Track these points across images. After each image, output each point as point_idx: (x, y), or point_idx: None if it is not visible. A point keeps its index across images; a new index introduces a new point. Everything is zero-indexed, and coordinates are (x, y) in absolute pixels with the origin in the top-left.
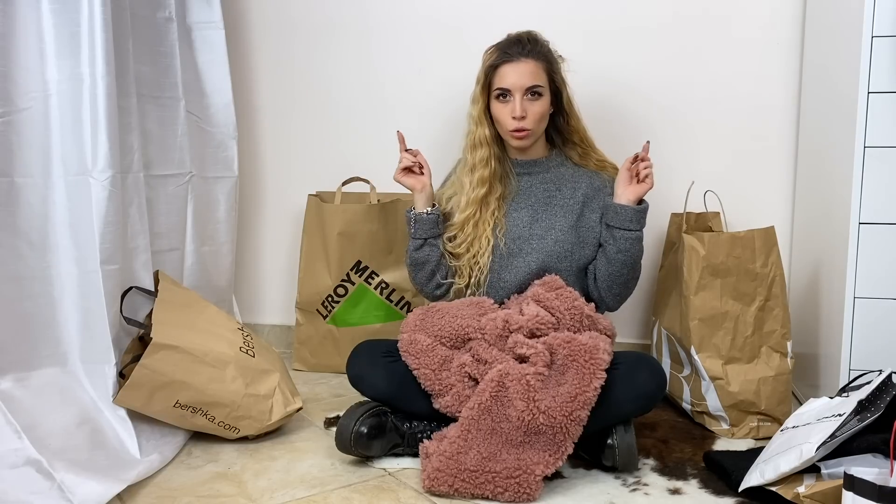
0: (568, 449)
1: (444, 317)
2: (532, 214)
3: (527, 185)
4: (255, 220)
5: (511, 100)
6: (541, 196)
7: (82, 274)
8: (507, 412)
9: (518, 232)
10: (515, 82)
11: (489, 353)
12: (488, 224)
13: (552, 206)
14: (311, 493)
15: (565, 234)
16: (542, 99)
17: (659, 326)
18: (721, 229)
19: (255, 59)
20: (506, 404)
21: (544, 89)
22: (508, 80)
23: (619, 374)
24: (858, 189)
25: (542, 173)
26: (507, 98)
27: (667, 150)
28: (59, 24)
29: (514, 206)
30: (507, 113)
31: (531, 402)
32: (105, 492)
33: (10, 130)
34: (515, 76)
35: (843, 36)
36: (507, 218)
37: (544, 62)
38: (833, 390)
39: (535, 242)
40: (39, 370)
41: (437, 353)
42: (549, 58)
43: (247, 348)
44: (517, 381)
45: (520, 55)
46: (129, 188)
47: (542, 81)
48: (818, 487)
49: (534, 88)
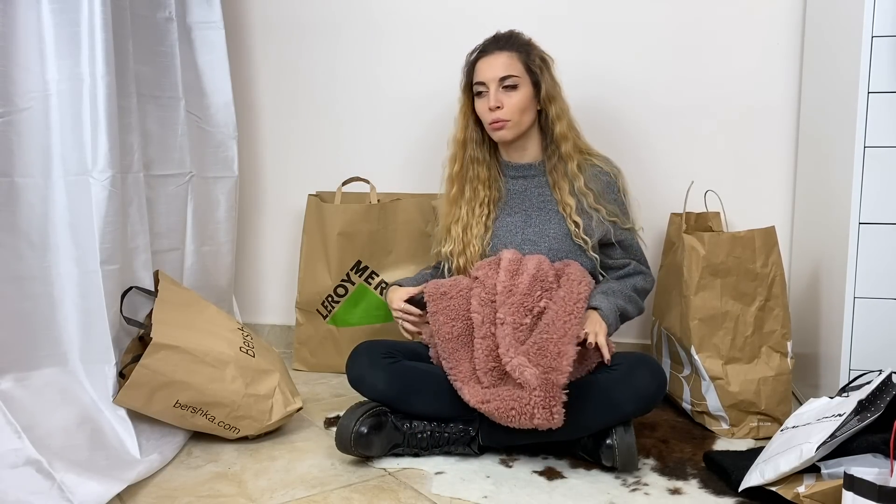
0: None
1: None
2: (525, 219)
3: (521, 188)
4: (255, 220)
5: (486, 94)
6: (535, 200)
7: (82, 274)
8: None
9: (509, 238)
10: (487, 74)
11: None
12: (479, 229)
13: (546, 210)
14: (311, 493)
15: (559, 242)
16: (519, 90)
17: (659, 326)
18: (721, 229)
19: (255, 59)
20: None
21: (520, 80)
22: (482, 73)
23: (618, 375)
24: (858, 189)
25: (537, 176)
26: (483, 93)
27: (667, 151)
28: (59, 24)
29: (505, 211)
30: (484, 107)
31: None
32: (105, 492)
33: (10, 130)
34: (488, 68)
35: (843, 36)
36: (497, 223)
37: (519, 53)
38: (833, 390)
39: (527, 248)
40: (39, 370)
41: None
42: (526, 49)
43: (247, 348)
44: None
45: (494, 49)
46: (129, 188)
47: (517, 72)
48: (818, 487)
49: (507, 78)
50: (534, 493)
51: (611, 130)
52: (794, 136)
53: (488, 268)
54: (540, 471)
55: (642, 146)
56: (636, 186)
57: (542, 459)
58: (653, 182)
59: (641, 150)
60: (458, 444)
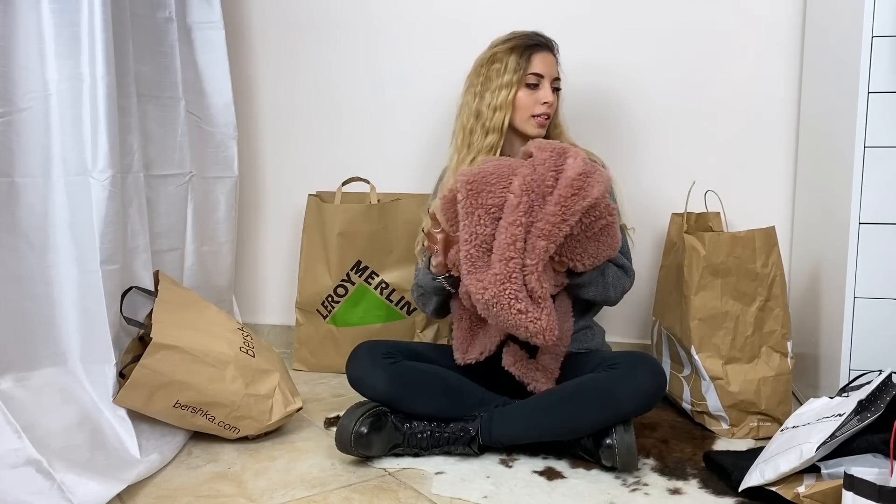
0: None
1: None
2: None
3: None
4: (255, 220)
5: (541, 87)
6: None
7: (82, 274)
8: None
9: None
10: (547, 70)
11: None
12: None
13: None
14: (311, 493)
15: None
16: (559, 94)
17: (659, 326)
18: (721, 229)
19: (255, 59)
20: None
21: (560, 84)
22: (541, 66)
23: (618, 373)
24: (858, 189)
25: None
26: (537, 86)
27: (667, 151)
28: (59, 24)
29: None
30: (535, 99)
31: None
32: (105, 492)
33: (10, 130)
34: (547, 65)
35: (843, 36)
36: None
37: (557, 58)
38: (833, 390)
39: None
40: (39, 370)
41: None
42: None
43: (247, 348)
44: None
45: (545, 47)
46: (129, 188)
47: (560, 76)
48: (818, 487)
49: (557, 80)
50: (534, 493)
51: (611, 130)
52: (795, 136)
53: (550, 151)
54: (540, 471)
55: (643, 146)
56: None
57: (542, 459)
58: (654, 182)
59: (642, 150)
60: (458, 443)
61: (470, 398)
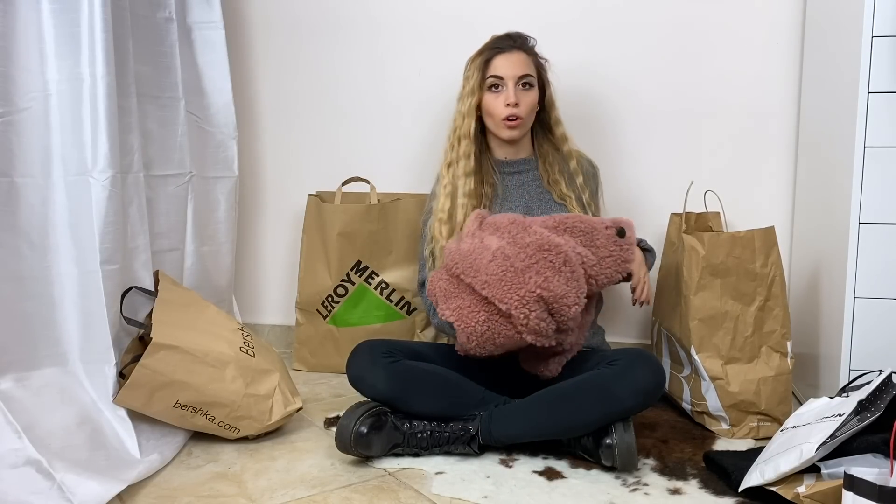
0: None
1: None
2: (527, 211)
3: (518, 183)
4: (255, 220)
5: (504, 89)
6: (534, 192)
7: (82, 274)
8: None
9: None
10: (508, 71)
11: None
12: (464, 212)
13: (545, 200)
14: (311, 493)
15: None
16: (532, 90)
17: (659, 326)
18: (721, 229)
19: (255, 59)
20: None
21: (534, 80)
22: (501, 69)
23: (617, 370)
24: (858, 189)
25: (532, 170)
26: (499, 88)
27: (667, 151)
28: (59, 24)
29: (506, 206)
30: (500, 102)
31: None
32: (105, 492)
33: (10, 130)
34: (508, 65)
35: (843, 36)
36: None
37: (533, 56)
38: (833, 390)
39: None
40: (39, 370)
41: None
42: (535, 52)
43: (247, 348)
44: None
45: (511, 47)
46: (129, 188)
47: (532, 72)
48: (818, 487)
49: (525, 78)
50: (534, 493)
51: (611, 130)
52: (794, 136)
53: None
54: (540, 471)
55: (643, 146)
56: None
57: (542, 459)
58: (653, 182)
59: (642, 150)
60: (458, 443)
61: (470, 397)
